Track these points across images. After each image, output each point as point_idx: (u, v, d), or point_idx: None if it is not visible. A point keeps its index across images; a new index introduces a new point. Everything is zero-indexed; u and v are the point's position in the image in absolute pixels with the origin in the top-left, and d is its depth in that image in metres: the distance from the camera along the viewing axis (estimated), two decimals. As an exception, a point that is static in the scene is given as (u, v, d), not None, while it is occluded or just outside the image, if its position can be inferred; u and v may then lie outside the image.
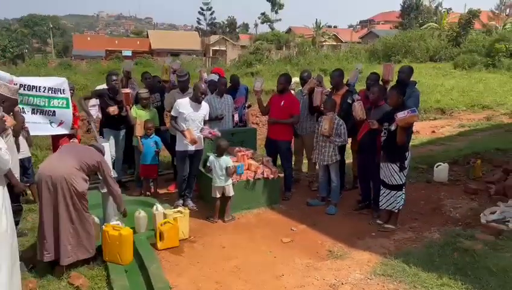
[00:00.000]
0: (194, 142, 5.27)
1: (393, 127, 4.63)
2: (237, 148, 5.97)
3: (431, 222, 5.19)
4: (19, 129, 4.46)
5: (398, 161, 4.75)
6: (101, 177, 4.17)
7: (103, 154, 4.26)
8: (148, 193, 6.09)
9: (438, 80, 18.72)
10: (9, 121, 3.87)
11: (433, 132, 10.91)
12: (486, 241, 4.34)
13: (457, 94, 15.67)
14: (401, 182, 4.84)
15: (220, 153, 5.26)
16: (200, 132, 5.39)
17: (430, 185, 6.58)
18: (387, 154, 4.84)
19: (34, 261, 3.96)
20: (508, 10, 45.59)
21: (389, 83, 5.77)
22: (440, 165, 6.78)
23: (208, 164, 5.39)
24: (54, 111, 5.87)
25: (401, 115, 4.48)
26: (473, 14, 29.75)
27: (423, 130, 10.91)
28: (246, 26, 78.13)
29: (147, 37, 57.09)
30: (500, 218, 4.87)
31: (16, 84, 4.88)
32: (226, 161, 5.27)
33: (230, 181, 5.27)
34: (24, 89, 5.52)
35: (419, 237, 4.78)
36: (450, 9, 46.02)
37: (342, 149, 5.80)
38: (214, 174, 5.24)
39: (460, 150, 8.36)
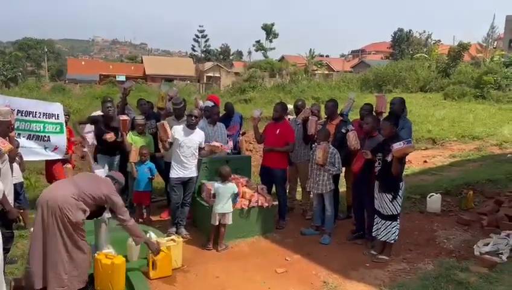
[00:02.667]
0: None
1: (389, 158, 4.68)
2: (232, 176, 5.97)
3: (425, 253, 5.19)
4: (14, 154, 4.44)
5: (393, 191, 4.79)
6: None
7: (120, 186, 4.19)
8: (140, 219, 6.03)
9: (428, 110, 19.01)
10: (6, 145, 3.85)
11: (425, 161, 11.00)
12: (481, 273, 4.34)
13: (448, 124, 15.89)
14: (396, 212, 4.86)
15: (224, 179, 5.28)
16: (209, 144, 5.45)
17: (423, 215, 6.60)
18: (382, 184, 4.88)
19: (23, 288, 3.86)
20: (495, 42, 46.94)
21: (382, 114, 5.87)
22: (433, 195, 6.83)
23: (212, 190, 5.37)
24: (49, 136, 5.86)
25: (397, 146, 4.54)
26: (463, 47, 30.55)
27: (415, 160, 11.00)
28: (239, 54, 79.27)
29: (142, 62, 57.61)
30: (494, 250, 4.89)
31: (12, 108, 4.89)
32: (233, 187, 5.29)
33: (231, 209, 5.26)
34: (21, 115, 5.52)
35: (414, 269, 4.77)
36: (439, 41, 47.25)
37: (336, 178, 5.84)
38: (217, 201, 5.22)
39: (453, 180, 8.43)
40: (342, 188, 6.60)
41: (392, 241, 4.96)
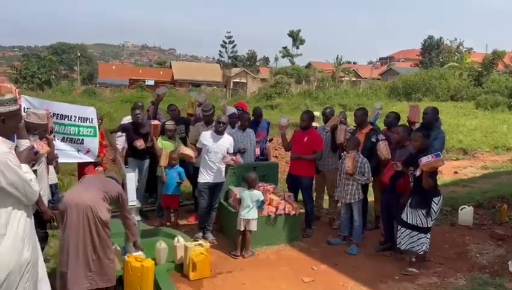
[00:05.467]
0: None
1: (417, 173, 4.59)
2: (259, 183, 5.98)
3: (456, 268, 5.04)
4: (53, 157, 4.58)
5: (426, 207, 4.67)
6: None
7: (121, 186, 4.33)
8: (168, 223, 6.11)
9: (459, 120, 18.54)
10: (45, 148, 3.98)
11: (456, 172, 10.71)
12: (516, 291, 4.18)
13: (480, 135, 15.45)
14: (427, 226, 4.74)
15: (250, 185, 5.30)
16: (222, 160, 5.44)
17: (455, 228, 6.42)
18: (415, 199, 4.76)
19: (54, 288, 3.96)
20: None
21: (415, 124, 5.75)
22: (465, 207, 6.64)
23: (238, 196, 5.40)
24: (82, 139, 6.02)
25: (425, 159, 4.45)
26: (498, 55, 29.71)
27: (445, 171, 10.70)
28: (266, 60, 79.63)
29: (170, 67, 58.66)
30: (530, 267, 4.70)
31: (50, 112, 5.05)
32: (258, 194, 5.30)
33: (256, 215, 5.27)
34: (57, 118, 5.70)
35: (444, 283, 4.64)
36: (471, 49, 46.16)
37: (365, 188, 5.76)
38: (242, 206, 5.24)
39: (485, 192, 8.17)
40: (371, 197, 6.50)
41: (421, 253, 4.83)
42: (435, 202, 4.70)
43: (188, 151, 5.67)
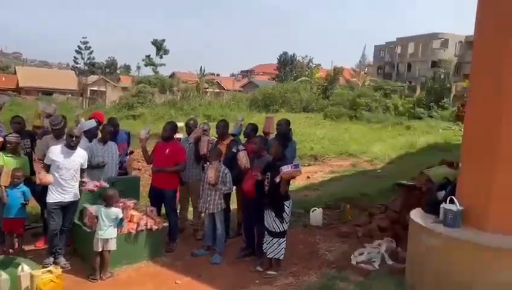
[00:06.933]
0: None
1: (277, 180, 4.92)
2: (118, 199, 5.66)
3: (309, 266, 5.50)
4: None
5: (280, 209, 5.02)
6: None
7: None
8: (11, 250, 5.35)
9: (311, 129, 20.46)
10: None
11: (308, 177, 11.76)
12: (357, 282, 4.75)
13: (327, 142, 17.27)
14: (283, 229, 5.09)
15: (108, 202, 4.96)
16: (83, 186, 5.04)
17: (307, 229, 7.00)
18: (270, 203, 5.08)
19: None
20: (366, 69, 52.76)
21: (269, 134, 6.15)
22: (315, 209, 7.31)
23: (95, 214, 5.01)
24: None
25: (285, 169, 4.81)
26: (338, 71, 33.78)
27: (299, 176, 11.63)
28: (127, 68, 76.34)
29: (15, 73, 52.08)
30: (368, 259, 5.39)
31: None
32: (116, 211, 4.98)
33: (115, 233, 4.96)
34: None
35: (299, 282, 5.01)
36: (320, 65, 51.52)
37: (227, 197, 5.92)
38: (99, 225, 4.88)
39: (332, 194, 9.14)
40: (234, 205, 6.70)
41: (281, 257, 5.17)
42: (286, 206, 5.08)
43: (46, 178, 5.03)
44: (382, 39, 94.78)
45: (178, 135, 6.80)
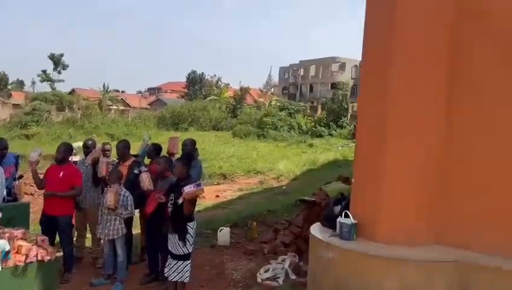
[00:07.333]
0: None
1: (180, 201, 4.82)
2: (4, 229, 5.10)
3: (216, 287, 5.45)
4: None
5: (184, 231, 4.92)
6: None
7: None
8: None
9: (220, 148, 20.61)
10: None
11: (217, 196, 11.78)
12: (262, 299, 4.81)
13: (236, 161, 17.52)
14: (187, 252, 4.98)
15: None
16: None
17: (214, 249, 6.95)
18: (174, 225, 4.96)
19: None
20: (272, 89, 54.88)
21: (174, 155, 6.05)
22: (223, 229, 7.31)
23: None
24: None
25: (188, 189, 4.73)
26: (245, 91, 34.74)
27: (208, 195, 11.62)
28: (21, 83, 70.09)
29: None
30: (272, 275, 5.51)
31: None
32: (2, 244, 4.44)
33: None
34: None
35: (206, 304, 4.94)
36: (228, 84, 52.34)
37: (128, 221, 5.66)
38: None
39: (240, 212, 9.23)
40: (136, 230, 6.43)
41: (186, 280, 5.05)
42: (190, 227, 5.00)
43: None
44: (287, 61, 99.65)
45: (75, 158, 6.39)
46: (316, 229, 4.86)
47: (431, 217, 4.24)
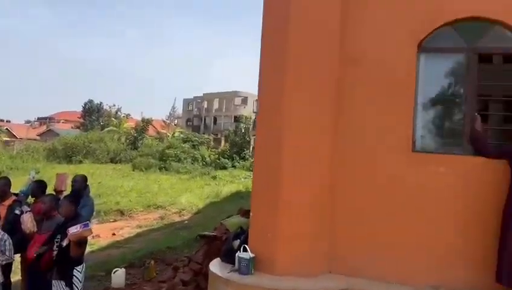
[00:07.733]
0: None
1: (65, 243, 4.44)
2: None
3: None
4: None
5: (70, 276, 4.52)
6: None
7: None
8: None
9: (118, 182, 19.62)
10: None
11: (114, 234, 11.13)
12: None
13: (135, 195, 16.80)
14: (75, 299, 4.57)
15: None
16: None
17: (107, 293, 6.51)
18: (59, 270, 4.53)
19: None
20: (176, 120, 54.35)
21: (62, 192, 5.63)
22: (117, 270, 6.86)
23: None
24: None
25: (73, 229, 4.37)
26: (147, 122, 33.92)
27: (103, 233, 10.93)
28: None
29: None
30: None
31: None
32: None
33: None
34: None
35: None
36: (129, 114, 50.59)
37: (7, 268, 5.05)
38: None
39: (137, 251, 8.80)
40: (16, 277, 5.76)
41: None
42: (78, 271, 4.61)
43: None
44: (191, 93, 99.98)
45: None
46: (215, 265, 4.81)
47: (324, 247, 4.47)
